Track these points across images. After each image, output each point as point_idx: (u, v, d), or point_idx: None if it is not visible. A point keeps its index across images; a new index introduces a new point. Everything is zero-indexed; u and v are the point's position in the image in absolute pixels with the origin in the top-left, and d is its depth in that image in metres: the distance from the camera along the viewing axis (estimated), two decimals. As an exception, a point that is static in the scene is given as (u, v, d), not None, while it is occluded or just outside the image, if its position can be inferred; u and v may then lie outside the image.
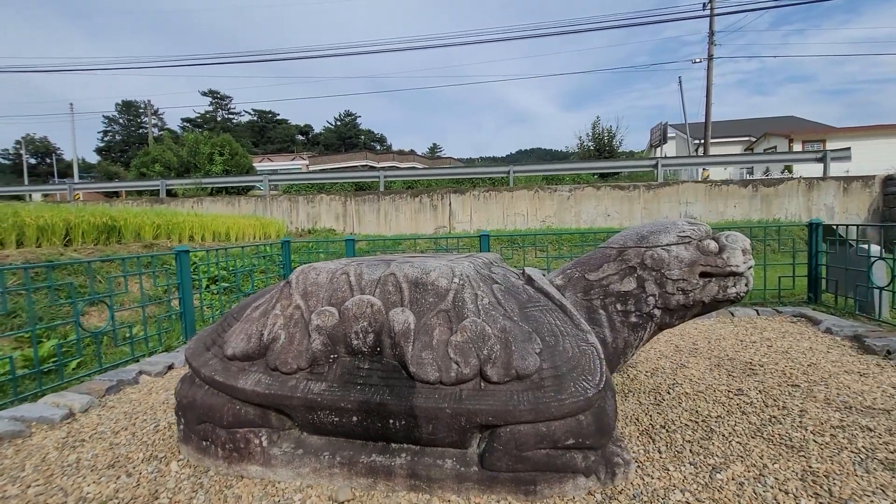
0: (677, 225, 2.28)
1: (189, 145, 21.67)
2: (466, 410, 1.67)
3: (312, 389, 1.80)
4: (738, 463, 1.84)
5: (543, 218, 10.31)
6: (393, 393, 1.74)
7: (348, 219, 11.34)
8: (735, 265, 2.19)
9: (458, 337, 1.77)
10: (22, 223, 5.63)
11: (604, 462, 1.72)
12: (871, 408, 2.30)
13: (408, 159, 33.99)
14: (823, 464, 1.80)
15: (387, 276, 1.96)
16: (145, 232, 7.04)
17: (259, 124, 70.39)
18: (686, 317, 2.27)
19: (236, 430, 1.89)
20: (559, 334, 1.88)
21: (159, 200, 12.61)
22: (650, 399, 2.55)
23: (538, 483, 1.65)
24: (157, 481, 1.85)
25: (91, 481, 1.86)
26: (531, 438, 1.65)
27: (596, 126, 18.38)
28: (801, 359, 3.10)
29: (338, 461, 1.79)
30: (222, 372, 1.93)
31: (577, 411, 1.66)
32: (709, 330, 3.96)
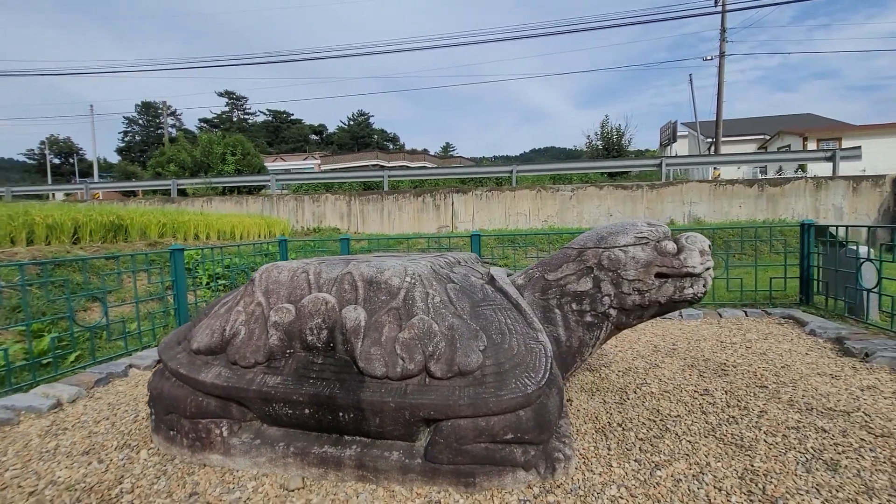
0: (636, 226, 2.31)
1: (203, 145, 22.12)
2: (410, 404, 1.74)
3: (267, 383, 1.89)
4: (682, 461, 1.87)
5: (546, 218, 10.30)
6: (343, 387, 1.82)
7: (353, 218, 11.48)
8: (692, 266, 2.21)
9: (405, 334, 1.83)
10: (32, 222, 5.86)
11: (544, 457, 1.77)
12: (832, 409, 2.30)
13: (418, 159, 34.12)
14: (766, 463, 1.83)
15: (343, 275, 2.03)
16: (151, 231, 7.25)
17: (274, 124, 71.34)
18: (644, 317, 2.30)
19: (199, 420, 1.98)
20: (507, 332, 1.93)
21: (171, 200, 12.92)
22: (615, 398, 2.58)
23: (477, 475, 1.71)
24: (125, 468, 1.96)
25: (64, 466, 1.97)
26: (470, 432, 1.71)
27: (605, 125, 18.24)
28: (776, 360, 3.09)
29: (291, 451, 1.88)
30: (187, 365, 2.03)
31: (516, 407, 1.72)
32: (692, 331, 3.95)
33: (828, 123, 22.67)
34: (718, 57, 16.65)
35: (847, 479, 1.70)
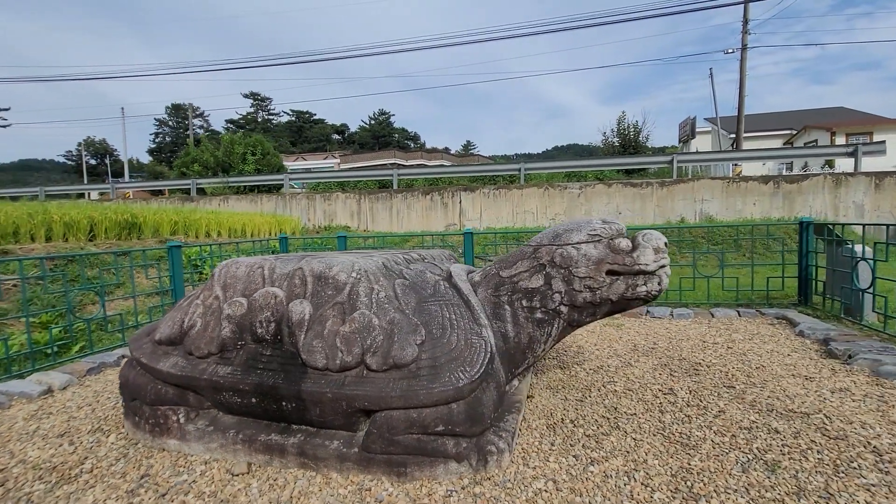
0: (591, 223, 2.31)
1: (225, 146, 22.76)
2: (346, 395, 1.80)
3: (218, 372, 1.98)
4: (620, 458, 1.87)
5: (553, 216, 10.22)
6: (286, 378, 1.89)
7: (362, 216, 11.64)
8: (644, 264, 2.20)
9: (346, 328, 1.89)
10: (50, 220, 6.19)
11: (476, 449, 1.80)
12: (792, 411, 2.25)
13: (436, 157, 34.21)
14: (704, 462, 1.81)
15: (295, 271, 2.11)
16: (163, 229, 7.54)
17: (297, 124, 72.67)
18: (597, 314, 2.29)
19: (158, 407, 2.10)
20: (449, 327, 1.97)
21: (191, 199, 13.37)
22: (578, 395, 2.58)
23: (409, 465, 1.76)
24: (91, 450, 2.09)
25: (37, 447, 2.12)
26: (402, 423, 1.76)
27: (621, 121, 17.91)
28: (754, 361, 3.02)
29: (240, 438, 1.97)
30: (149, 355, 2.15)
31: (447, 400, 1.76)
32: (678, 330, 3.89)
33: (859, 117, 21.63)
34: (740, 50, 16.12)
35: (782, 479, 1.68)
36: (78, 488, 1.77)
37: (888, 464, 1.75)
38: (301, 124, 72.75)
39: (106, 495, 1.71)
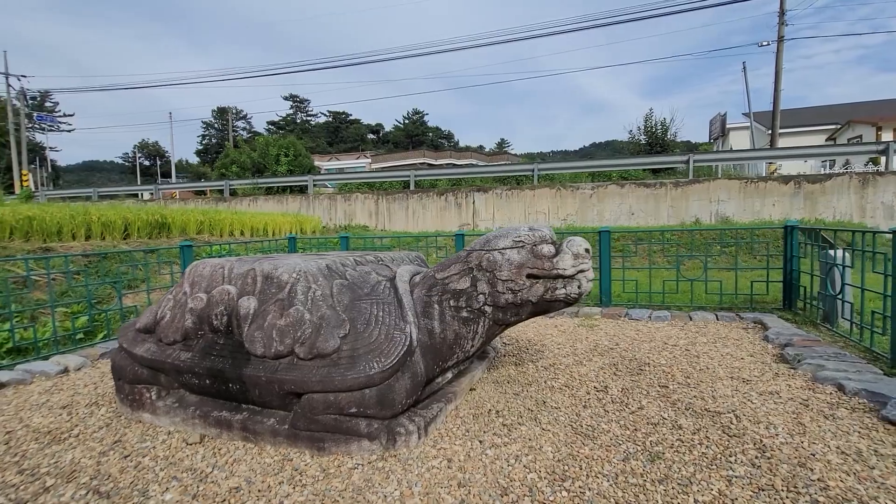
0: (517, 230, 2.50)
1: (260, 148, 23.89)
2: (278, 379, 2.09)
3: (181, 357, 2.32)
4: (518, 444, 2.07)
5: (565, 216, 10.24)
6: (233, 363, 2.21)
7: (380, 216, 12.05)
8: (562, 269, 2.38)
9: (282, 321, 2.19)
10: (90, 220, 6.90)
11: (386, 430, 2.05)
12: (708, 410, 2.36)
13: (465, 156, 34.40)
14: (593, 451, 1.98)
15: (248, 271, 2.42)
16: (190, 228, 8.18)
17: (333, 125, 74.69)
18: (521, 314, 2.49)
19: (135, 385, 2.47)
20: (374, 323, 2.23)
21: (223, 199, 14.23)
22: (516, 389, 2.77)
23: (326, 441, 2.03)
24: (83, 420, 2.48)
25: (42, 416, 2.54)
26: (321, 405, 2.03)
27: (648, 119, 17.50)
28: (702, 363, 3.10)
29: (198, 414, 2.30)
30: (130, 341, 2.53)
31: (360, 386, 2.02)
32: (648, 332, 3.97)
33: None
34: (776, 42, 15.38)
35: (655, 468, 1.83)
36: (63, 448, 2.15)
37: (766, 460, 1.86)
38: (337, 125, 74.68)
39: (82, 454, 2.08)
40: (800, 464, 1.83)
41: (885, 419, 2.16)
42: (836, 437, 2.04)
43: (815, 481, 1.71)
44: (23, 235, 6.26)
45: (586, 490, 1.70)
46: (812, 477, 1.74)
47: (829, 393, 2.52)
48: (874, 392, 2.38)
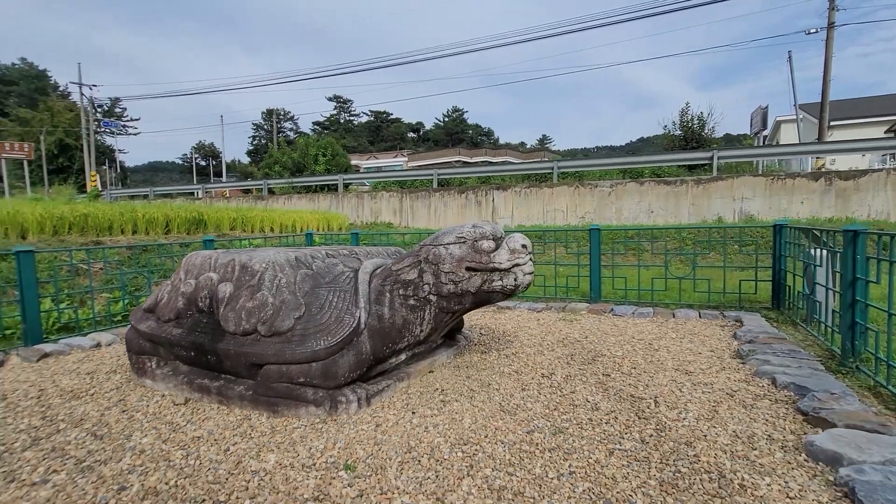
0: (462, 228, 2.77)
1: (300, 148, 25.03)
2: (243, 352, 2.48)
3: (173, 332, 2.76)
4: (443, 416, 2.34)
5: (583, 214, 10.23)
6: (211, 338, 2.62)
7: (404, 214, 12.48)
8: (498, 262, 2.63)
9: (249, 304, 2.57)
10: (136, 217, 7.72)
11: (329, 398, 2.38)
12: (632, 395, 2.53)
13: (500, 153, 34.38)
14: (506, 424, 2.22)
15: (230, 261, 2.83)
16: (223, 224, 8.92)
17: (375, 124, 76.40)
18: (464, 303, 2.75)
19: (139, 356, 2.94)
20: (327, 307, 2.57)
21: (262, 197, 15.17)
22: (469, 373, 3.03)
23: (279, 405, 2.39)
24: (100, 383, 2.99)
25: (69, 379, 3.07)
26: (275, 374, 2.40)
27: (685, 113, 16.91)
28: (657, 356, 3.23)
29: (185, 381, 2.73)
30: (137, 319, 3.00)
31: (307, 360, 2.36)
32: (623, 326, 4.09)
33: None
34: (826, 29, 14.43)
35: (553, 440, 2.05)
36: (79, 403, 2.64)
37: (657, 438, 2.04)
38: (378, 124, 76.32)
39: (91, 408, 2.56)
40: (686, 443, 2.00)
41: (798, 410, 2.26)
42: (740, 423, 2.18)
43: (690, 457, 1.88)
44: (79, 230, 7.12)
45: (480, 452, 1.96)
46: (689, 453, 1.91)
47: (761, 385, 2.62)
48: (801, 386, 2.46)
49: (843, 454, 1.76)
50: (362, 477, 1.79)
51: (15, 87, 59.74)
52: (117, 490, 1.74)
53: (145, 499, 1.68)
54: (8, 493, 1.75)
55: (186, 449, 2.06)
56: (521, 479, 1.75)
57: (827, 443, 1.84)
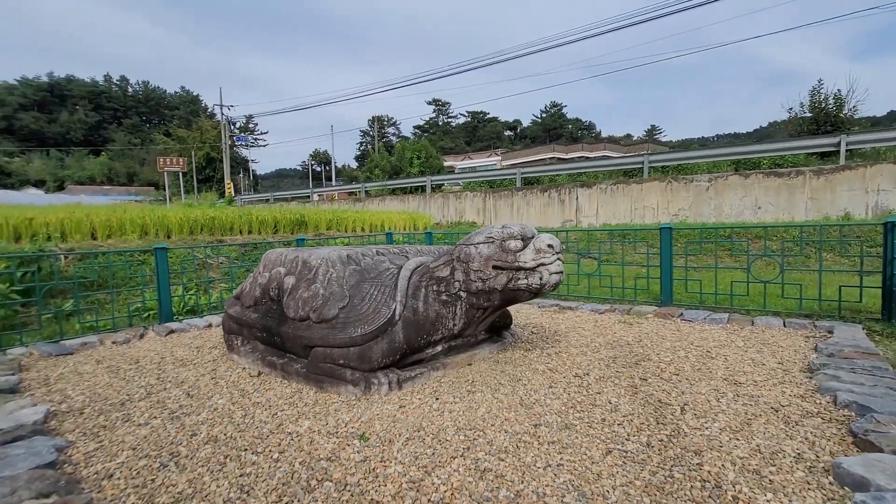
0: (492, 228, 2.92)
1: (397, 152, 26.52)
2: (299, 336, 2.91)
3: (251, 317, 3.32)
4: (462, 403, 2.51)
5: (676, 211, 9.46)
6: (277, 323, 3.10)
7: (487, 213, 12.66)
8: (523, 262, 2.74)
9: (306, 294, 3.00)
10: (251, 219, 9.00)
11: (364, 380, 2.69)
12: (661, 402, 2.46)
13: (597, 148, 32.75)
14: (517, 416, 2.33)
15: (296, 257, 3.30)
16: (321, 224, 9.95)
17: (471, 124, 77.52)
18: (492, 300, 2.89)
19: (229, 335, 3.56)
20: (368, 299, 2.89)
21: (359, 199, 16.47)
22: (505, 367, 3.14)
23: (324, 383, 2.77)
24: (201, 354, 3.68)
25: (182, 350, 3.82)
26: (321, 356, 2.78)
27: (815, 92, 14.55)
28: (706, 364, 3.03)
29: (260, 357, 3.26)
30: (229, 305, 3.64)
31: (346, 345, 2.70)
32: (687, 333, 3.84)
33: None
34: None
35: (556, 434, 2.12)
36: (184, 370, 3.31)
37: (665, 444, 2.00)
38: (475, 124, 77.28)
39: (190, 373, 3.20)
40: (695, 451, 1.93)
41: (850, 431, 2.02)
42: (770, 438, 2.02)
43: (691, 464, 1.83)
44: (208, 230, 8.53)
45: (481, 438, 2.10)
46: (693, 461, 1.85)
47: (817, 402, 2.35)
48: (864, 406, 2.18)
49: (870, 480, 1.58)
50: (371, 447, 2.05)
51: (176, 110, 71.73)
52: (190, 435, 2.23)
53: (207, 444, 2.13)
54: (122, 428, 2.33)
55: (246, 410, 2.52)
56: (508, 465, 1.87)
57: (856, 466, 1.66)
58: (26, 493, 1.69)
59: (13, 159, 53.31)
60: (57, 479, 1.80)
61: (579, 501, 1.62)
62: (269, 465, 1.93)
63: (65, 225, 6.99)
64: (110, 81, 73.58)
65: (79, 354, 3.78)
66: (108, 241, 7.28)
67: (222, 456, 2.01)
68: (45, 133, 61.71)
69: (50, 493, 1.71)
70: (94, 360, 3.58)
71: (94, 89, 70.20)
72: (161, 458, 2.01)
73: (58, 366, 3.46)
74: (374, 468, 1.87)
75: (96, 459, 2.02)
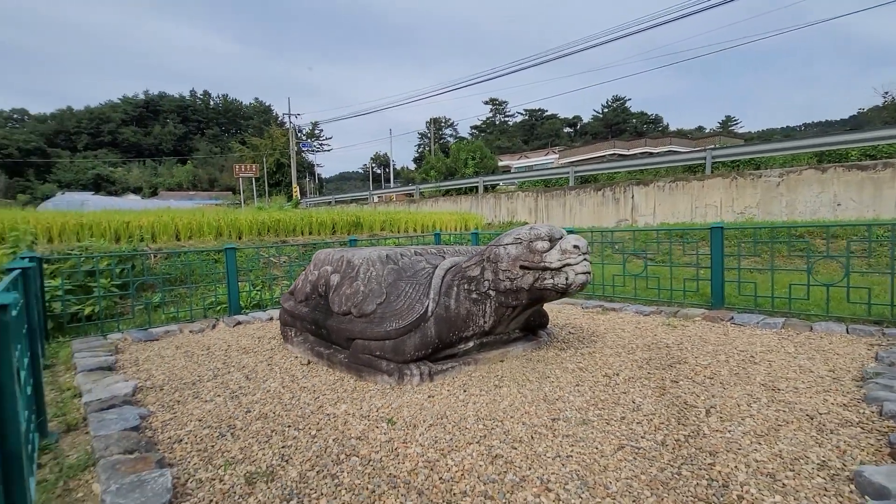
0: (519, 231, 3.03)
1: (453, 154, 26.84)
2: (342, 328, 3.19)
3: (302, 310, 3.66)
4: (487, 397, 2.64)
5: (742, 209, 8.87)
6: (324, 316, 3.41)
7: (539, 213, 12.56)
8: (548, 262, 2.83)
9: (348, 290, 3.27)
10: (311, 221, 9.63)
11: (398, 371, 2.90)
12: (687, 404, 2.44)
13: (663, 142, 31.10)
14: (537, 409, 2.42)
15: (341, 256, 3.60)
16: (375, 226, 10.42)
17: (529, 123, 76.44)
18: (520, 299, 2.99)
19: (284, 326, 3.94)
20: (403, 296, 3.11)
21: (413, 201, 16.93)
22: (536, 365, 3.23)
23: (363, 372, 3.02)
24: (262, 344, 4.09)
25: (245, 340, 4.27)
26: (360, 348, 3.03)
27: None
28: (746, 369, 2.93)
29: (310, 347, 3.59)
30: (284, 299, 4.02)
31: (382, 338, 2.93)
32: (735, 337, 3.70)
33: None
34: None
35: (573, 429, 2.19)
36: (245, 356, 3.72)
37: (681, 443, 2.01)
38: (533, 122, 76.11)
39: (251, 360, 3.59)
40: (710, 452, 1.93)
41: (889, 442, 1.92)
42: (796, 445, 1.97)
43: (703, 464, 1.84)
44: (274, 232, 9.25)
45: (498, 427, 2.23)
46: (705, 461, 1.86)
47: (860, 412, 2.23)
48: (910, 417, 2.04)
49: (891, 490, 1.53)
50: (397, 429, 2.25)
51: (251, 120, 77.27)
52: (245, 412, 2.55)
53: (258, 420, 2.44)
54: (192, 403, 2.71)
55: (294, 393, 2.82)
56: (519, 453, 1.98)
57: (877, 475, 1.60)
58: (116, 448, 2.06)
59: (116, 169, 60.33)
60: (139, 440, 2.17)
61: (581, 489, 1.71)
62: (308, 439, 2.19)
63: (154, 227, 7.93)
64: (195, 96, 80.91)
65: (162, 341, 4.34)
66: (189, 241, 8.15)
67: (269, 430, 2.30)
68: (142, 145, 69.20)
69: (133, 450, 2.07)
70: (174, 346, 4.11)
71: (181, 104, 77.60)
72: (220, 428, 2.34)
73: (145, 350, 4.02)
74: (396, 448, 2.06)
75: (170, 427, 2.39)
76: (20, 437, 0.89)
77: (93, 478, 1.92)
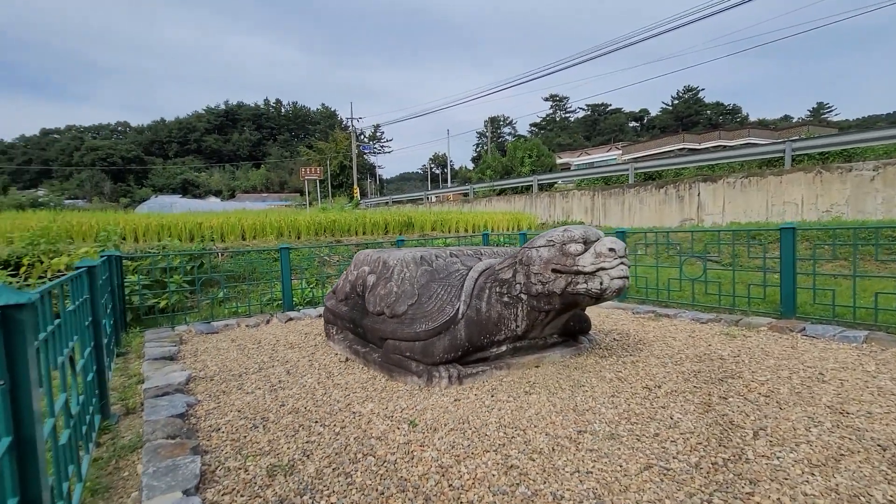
0: (552, 232, 2.93)
1: (509, 152, 26.54)
2: (376, 328, 3.25)
3: (341, 309, 3.78)
4: (514, 403, 2.57)
5: (828, 207, 7.94)
6: (361, 315, 3.50)
7: (595, 212, 12.07)
8: (581, 266, 2.71)
9: (383, 291, 3.33)
10: (364, 221, 9.94)
11: (427, 373, 2.91)
12: (733, 423, 2.23)
13: (740, 135, 28.66)
14: (563, 419, 2.32)
15: (378, 258, 3.67)
16: (426, 226, 10.54)
17: (591, 118, 73.71)
18: (553, 303, 2.88)
19: (327, 324, 4.09)
20: (434, 298, 3.11)
21: (467, 200, 16.93)
22: (572, 372, 3.10)
23: (394, 371, 3.05)
24: (308, 340, 4.28)
25: (293, 335, 4.48)
26: (392, 348, 3.07)
27: None
28: (812, 389, 2.62)
29: (348, 345, 3.70)
30: (327, 298, 4.18)
31: (412, 339, 2.95)
32: (802, 350, 3.33)
33: None
34: None
35: (598, 443, 2.08)
36: (291, 351, 3.91)
37: (717, 467, 1.84)
38: (595, 117, 73.31)
39: (294, 355, 3.77)
40: (751, 480, 1.75)
41: (979, 485, 1.63)
42: (859, 479, 1.73)
43: (740, 493, 1.67)
44: (330, 232, 9.66)
45: (519, 437, 2.16)
46: (742, 489, 1.69)
47: (947, 446, 1.91)
48: None
49: (970, 543, 1.29)
50: (417, 432, 2.25)
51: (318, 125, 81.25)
52: (279, 406, 2.68)
53: (289, 413, 2.55)
54: (235, 394, 2.89)
55: (326, 389, 2.92)
56: (536, 465, 1.91)
57: (954, 524, 1.36)
58: (160, 433, 2.25)
59: (200, 174, 66.14)
60: (182, 427, 2.35)
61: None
62: (331, 436, 2.25)
63: (223, 228, 8.57)
64: (268, 104, 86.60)
65: (221, 334, 4.68)
66: (253, 241, 8.72)
67: (297, 425, 2.40)
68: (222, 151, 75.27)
69: (175, 435, 2.25)
70: (230, 339, 4.41)
71: (256, 112, 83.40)
72: (255, 420, 2.48)
73: (205, 342, 4.35)
74: (413, 451, 2.06)
75: (212, 416, 2.56)
76: (33, 424, 1.00)
77: (139, 459, 2.11)
